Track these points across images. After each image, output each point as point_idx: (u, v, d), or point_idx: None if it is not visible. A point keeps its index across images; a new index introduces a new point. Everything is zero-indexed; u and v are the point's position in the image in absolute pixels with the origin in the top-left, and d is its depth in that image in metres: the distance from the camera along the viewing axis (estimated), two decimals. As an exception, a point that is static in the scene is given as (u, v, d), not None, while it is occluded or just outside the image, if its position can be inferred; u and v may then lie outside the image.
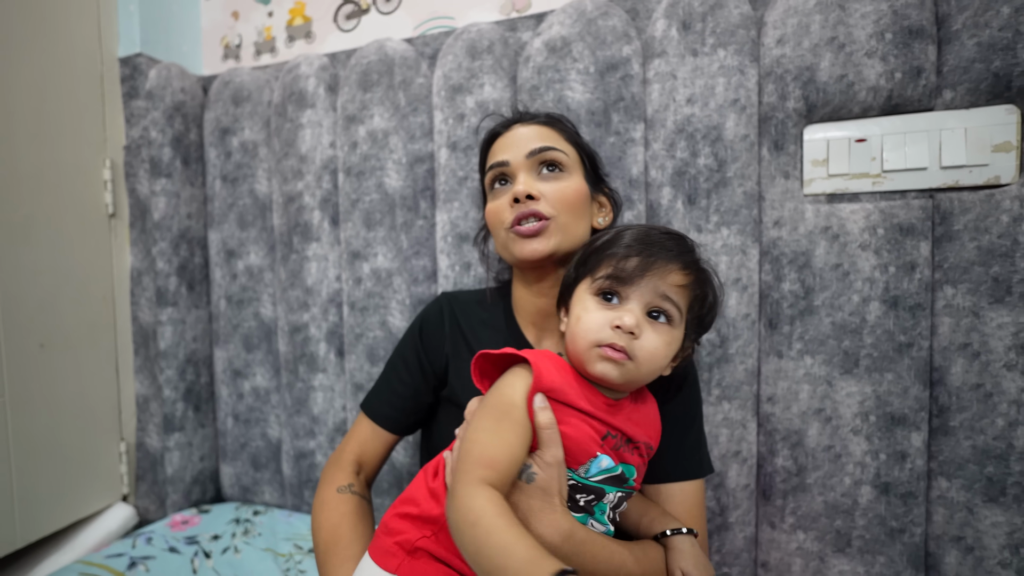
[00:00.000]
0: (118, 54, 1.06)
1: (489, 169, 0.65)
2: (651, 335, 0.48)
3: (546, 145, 0.62)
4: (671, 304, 0.48)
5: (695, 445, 0.62)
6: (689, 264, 0.50)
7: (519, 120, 0.66)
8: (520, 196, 0.59)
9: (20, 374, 0.91)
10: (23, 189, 0.92)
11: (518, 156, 0.62)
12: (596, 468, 0.49)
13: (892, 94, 0.69)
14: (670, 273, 0.48)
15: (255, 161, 1.05)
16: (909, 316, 0.69)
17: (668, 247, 0.49)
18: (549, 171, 0.62)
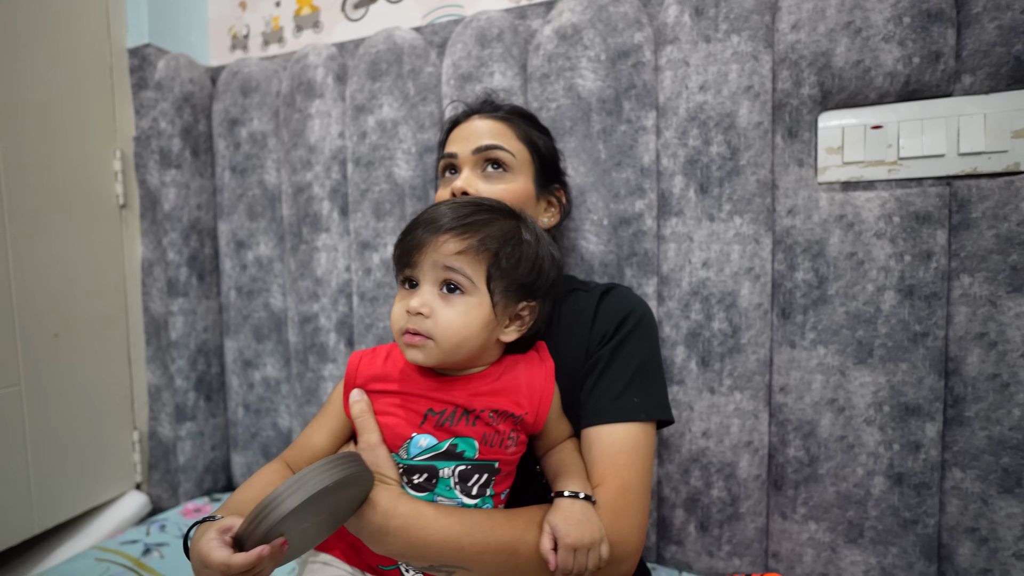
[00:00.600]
0: (127, 45, 1.06)
1: (440, 159, 0.68)
2: (444, 310, 0.49)
3: (493, 143, 0.63)
4: (456, 273, 0.48)
5: (622, 390, 0.56)
6: (462, 228, 0.49)
7: (478, 111, 0.67)
8: (456, 192, 0.62)
9: (35, 363, 0.92)
10: (35, 180, 0.92)
11: (466, 150, 0.64)
12: (416, 448, 0.51)
13: (910, 79, 0.67)
14: (443, 244, 0.48)
15: (264, 152, 1.05)
16: (925, 305, 0.68)
17: (439, 218, 0.49)
18: (494, 169, 0.64)
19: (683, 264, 0.78)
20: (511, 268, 0.50)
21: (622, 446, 0.54)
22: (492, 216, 0.51)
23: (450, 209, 0.51)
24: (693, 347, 0.78)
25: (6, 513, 0.89)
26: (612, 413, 0.55)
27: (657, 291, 0.81)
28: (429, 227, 0.49)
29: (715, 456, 0.79)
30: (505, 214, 0.53)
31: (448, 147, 0.67)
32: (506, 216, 0.53)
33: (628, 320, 0.59)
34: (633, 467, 0.54)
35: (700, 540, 0.81)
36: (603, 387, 0.57)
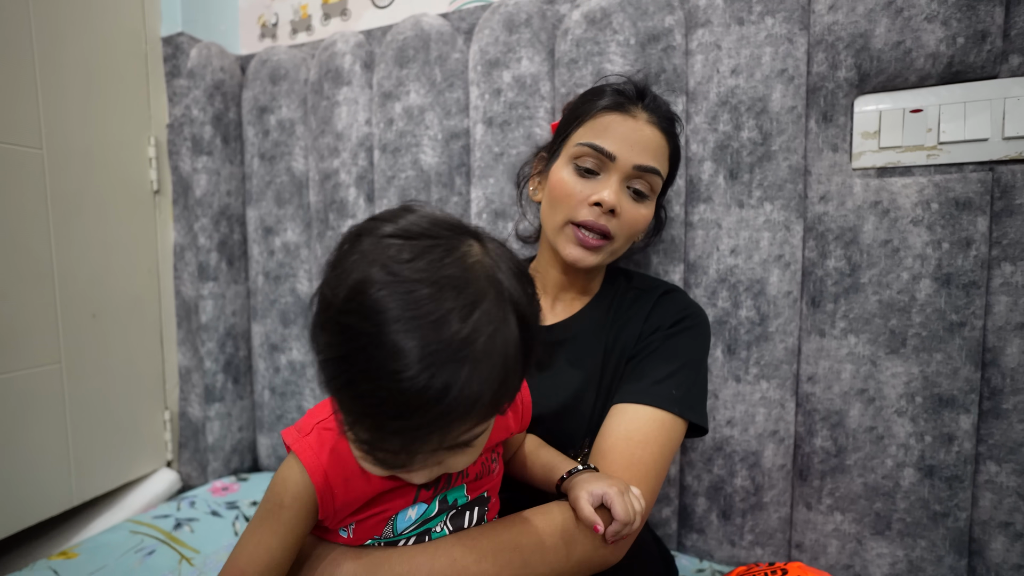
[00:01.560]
0: (161, 34, 1.08)
1: (588, 146, 0.57)
2: (460, 461, 0.39)
3: (654, 166, 0.58)
4: (474, 435, 0.36)
5: (663, 378, 0.56)
6: (490, 405, 0.34)
7: (646, 106, 0.59)
8: (606, 207, 0.56)
9: (74, 342, 0.95)
10: (75, 165, 0.95)
11: (627, 160, 0.56)
12: (404, 522, 0.43)
13: (953, 61, 0.65)
14: (452, 434, 0.33)
15: (292, 139, 1.07)
16: (962, 294, 0.66)
17: (439, 415, 0.31)
18: (637, 192, 0.58)
19: (711, 251, 0.78)
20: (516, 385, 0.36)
21: (642, 426, 0.53)
22: (507, 330, 0.33)
23: (448, 397, 0.30)
24: (719, 335, 0.78)
25: (47, 485, 0.93)
26: (646, 395, 0.54)
27: (684, 278, 0.80)
28: (430, 432, 0.32)
29: (739, 445, 0.78)
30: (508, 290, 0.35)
31: (602, 139, 0.57)
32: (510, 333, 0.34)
33: (686, 320, 0.61)
34: (647, 448, 0.52)
35: (722, 529, 0.81)
36: (644, 370, 0.57)
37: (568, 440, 0.59)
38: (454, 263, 0.32)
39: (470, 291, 0.32)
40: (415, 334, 0.29)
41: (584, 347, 0.62)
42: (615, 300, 0.65)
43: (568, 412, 0.60)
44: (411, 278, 0.31)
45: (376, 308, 0.30)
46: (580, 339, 0.63)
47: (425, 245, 0.33)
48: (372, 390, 0.30)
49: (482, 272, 0.33)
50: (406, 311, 0.30)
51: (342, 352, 0.31)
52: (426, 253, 0.32)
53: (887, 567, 0.72)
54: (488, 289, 0.33)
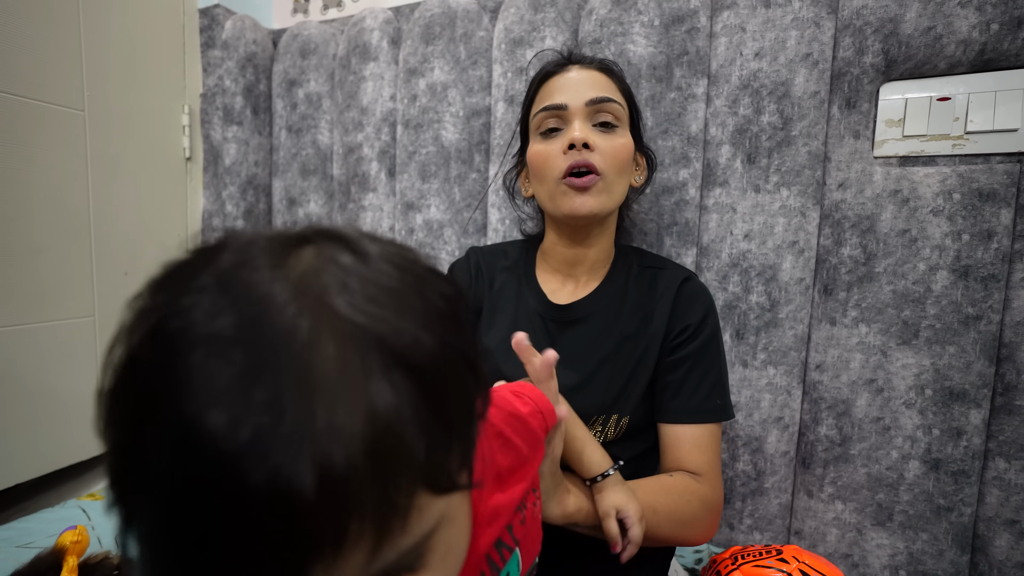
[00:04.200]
0: (198, 5, 1.12)
1: (542, 110, 0.62)
2: None
3: (607, 96, 0.60)
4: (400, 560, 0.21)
5: (708, 391, 0.61)
6: (378, 498, 0.20)
7: (575, 61, 0.63)
8: (578, 143, 0.58)
9: (108, 298, 1.00)
10: (114, 130, 0.99)
11: (577, 101, 0.60)
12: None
13: (985, 48, 0.64)
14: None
15: (319, 112, 1.10)
16: (980, 287, 0.65)
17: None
18: (604, 124, 0.60)
19: (724, 235, 0.78)
20: (454, 434, 0.22)
21: (709, 442, 0.61)
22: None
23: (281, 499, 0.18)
24: (728, 319, 0.78)
25: (79, 430, 0.98)
26: (702, 414, 0.60)
27: (696, 262, 0.80)
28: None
29: (743, 430, 0.78)
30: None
31: (551, 97, 0.61)
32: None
33: (709, 318, 0.62)
34: (718, 459, 0.62)
35: (722, 513, 0.81)
36: (690, 387, 0.61)
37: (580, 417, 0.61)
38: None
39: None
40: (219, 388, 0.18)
41: (600, 327, 0.63)
42: (629, 280, 0.65)
43: (582, 391, 0.61)
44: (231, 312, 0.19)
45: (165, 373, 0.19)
46: (595, 319, 0.64)
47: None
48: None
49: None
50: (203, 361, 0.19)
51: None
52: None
53: (886, 558, 0.72)
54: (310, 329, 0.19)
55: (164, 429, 0.18)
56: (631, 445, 0.62)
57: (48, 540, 0.71)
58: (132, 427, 0.20)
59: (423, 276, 0.23)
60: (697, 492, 0.57)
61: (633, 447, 0.62)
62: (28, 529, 0.78)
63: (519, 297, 0.67)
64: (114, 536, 0.20)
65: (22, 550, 0.71)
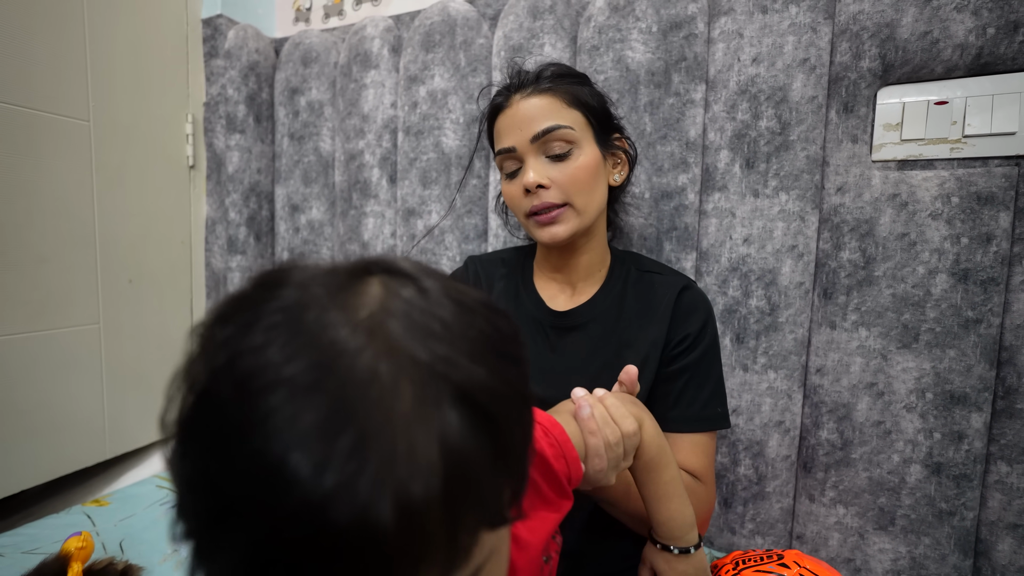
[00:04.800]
0: (201, 15, 1.13)
1: (497, 154, 0.63)
2: None
3: (550, 126, 0.58)
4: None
5: (708, 399, 0.62)
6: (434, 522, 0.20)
7: (517, 88, 0.61)
8: (531, 187, 0.59)
9: (112, 305, 1.01)
10: (119, 139, 1.01)
11: (523, 141, 0.59)
12: None
13: (982, 52, 0.64)
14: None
15: (320, 120, 1.11)
16: (980, 291, 0.65)
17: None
18: (557, 153, 0.59)
19: (723, 240, 0.78)
20: (508, 471, 0.24)
21: (704, 450, 0.62)
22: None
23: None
24: (728, 324, 0.78)
25: (84, 437, 0.99)
26: (700, 422, 0.62)
27: (696, 266, 0.80)
28: None
29: (744, 434, 0.78)
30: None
31: (501, 141, 0.62)
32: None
33: (708, 327, 0.63)
34: (712, 466, 0.63)
35: (723, 516, 0.81)
36: (690, 397, 0.62)
37: None
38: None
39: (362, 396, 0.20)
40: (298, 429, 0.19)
41: (599, 334, 0.64)
42: (628, 287, 0.66)
43: None
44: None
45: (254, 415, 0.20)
46: (594, 326, 0.64)
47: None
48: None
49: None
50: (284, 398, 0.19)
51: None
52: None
53: (889, 563, 0.72)
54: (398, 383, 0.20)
55: (249, 467, 0.19)
56: None
57: (53, 546, 0.72)
58: (211, 462, 0.20)
59: (483, 312, 0.23)
60: (698, 491, 0.59)
61: None
62: (34, 535, 0.78)
63: (518, 304, 0.67)
64: (187, 569, 0.20)
65: (28, 556, 0.72)
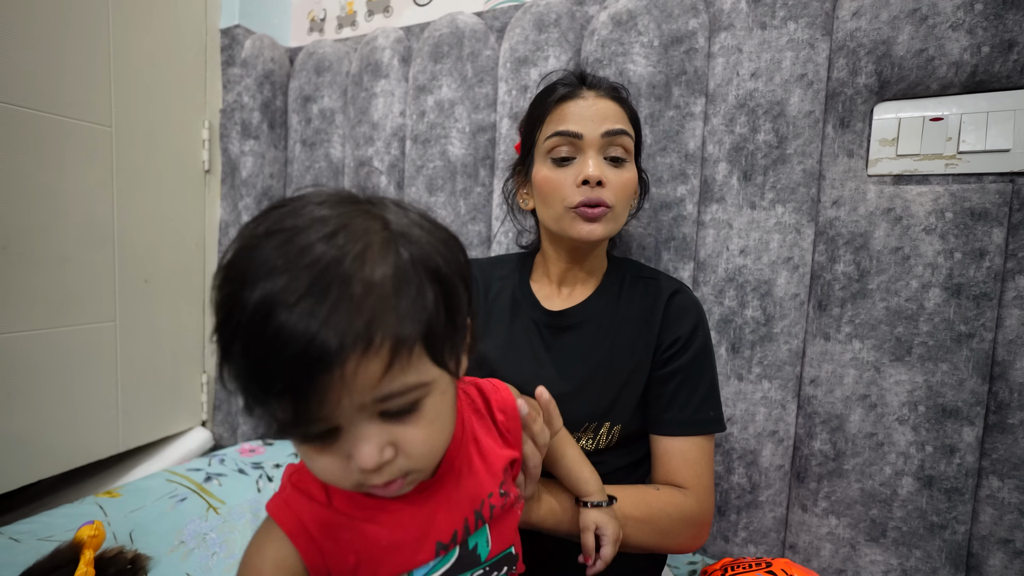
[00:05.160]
0: (219, 25, 1.17)
1: (556, 135, 0.61)
2: (411, 441, 0.32)
3: (621, 128, 0.60)
4: (408, 393, 0.30)
5: (700, 403, 0.62)
6: (390, 325, 0.28)
7: (589, 85, 0.63)
8: (592, 181, 0.59)
9: (128, 304, 1.05)
10: (139, 144, 1.05)
11: (593, 132, 0.60)
12: None
13: (977, 70, 0.65)
14: (360, 374, 0.28)
15: (332, 127, 1.14)
16: (973, 305, 0.66)
17: (319, 343, 0.27)
18: (615, 157, 0.61)
19: (720, 250, 0.79)
20: (450, 325, 0.32)
21: (700, 454, 0.62)
22: (394, 262, 0.30)
23: (318, 320, 0.27)
24: (724, 333, 0.79)
25: (98, 430, 1.03)
26: (693, 426, 0.62)
27: (693, 276, 0.82)
28: (318, 368, 0.27)
29: (738, 443, 0.79)
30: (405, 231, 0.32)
31: (565, 124, 0.60)
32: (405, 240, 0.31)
33: (699, 331, 0.64)
34: (710, 471, 0.63)
35: (716, 524, 0.82)
36: (682, 400, 0.62)
37: (572, 423, 0.63)
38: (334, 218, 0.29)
39: (335, 221, 0.29)
40: (281, 264, 0.27)
41: (593, 335, 0.65)
42: (622, 290, 0.67)
43: (575, 396, 0.63)
44: (288, 222, 0.29)
45: (241, 260, 0.29)
46: (588, 327, 0.66)
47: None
48: (232, 348, 0.28)
49: (364, 216, 0.30)
50: (268, 251, 0.28)
51: (220, 316, 0.29)
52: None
53: (880, 574, 0.72)
54: (367, 223, 0.30)
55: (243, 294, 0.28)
56: (624, 453, 0.64)
57: (67, 534, 0.75)
58: (226, 293, 0.29)
59: (445, 228, 0.34)
60: (681, 506, 0.58)
61: (626, 455, 0.64)
62: (49, 523, 0.81)
63: (514, 305, 0.69)
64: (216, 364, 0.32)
65: (43, 543, 0.75)
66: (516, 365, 0.65)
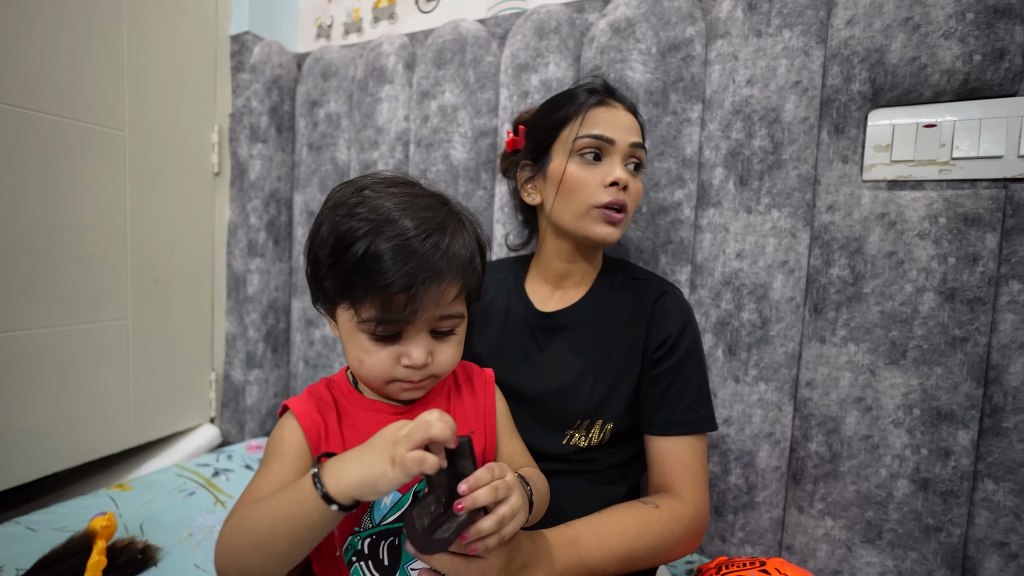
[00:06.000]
0: (230, 32, 1.21)
1: (590, 136, 0.63)
2: (443, 353, 0.46)
3: (642, 142, 0.66)
4: (453, 319, 0.46)
5: (692, 402, 0.63)
6: (464, 271, 0.45)
7: (617, 99, 0.67)
8: (622, 183, 0.62)
9: (140, 303, 1.08)
10: (151, 148, 1.08)
11: (623, 140, 0.63)
12: (380, 510, 0.46)
13: (969, 78, 0.66)
14: (444, 293, 0.44)
15: (337, 131, 1.16)
16: (967, 310, 0.66)
17: (435, 264, 0.42)
18: (635, 167, 0.66)
19: (717, 254, 0.80)
20: (478, 282, 0.49)
21: (693, 455, 0.63)
22: (467, 236, 0.48)
23: (432, 247, 0.43)
24: (721, 335, 0.80)
25: (111, 426, 1.05)
26: (685, 426, 0.63)
27: (690, 279, 0.83)
28: (428, 278, 0.42)
29: (735, 444, 0.80)
30: (468, 219, 0.50)
31: (600, 128, 0.63)
32: (469, 224, 0.49)
33: (688, 331, 0.65)
34: (704, 471, 0.64)
35: (713, 525, 0.83)
36: (673, 400, 0.63)
37: (565, 420, 0.65)
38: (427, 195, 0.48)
39: (442, 200, 0.48)
40: (408, 213, 0.43)
41: (584, 335, 0.67)
42: (613, 291, 0.69)
43: (566, 394, 0.65)
44: (402, 192, 0.46)
45: (376, 202, 0.44)
46: (580, 327, 0.67)
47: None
48: (378, 253, 0.41)
49: (436, 196, 0.49)
50: (396, 202, 0.44)
51: (361, 232, 0.42)
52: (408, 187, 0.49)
53: (875, 576, 0.73)
54: (452, 210, 0.48)
55: (384, 222, 0.43)
56: (616, 451, 0.65)
57: (81, 524, 0.77)
58: (363, 224, 0.43)
59: (472, 216, 0.51)
60: (682, 517, 0.59)
61: (618, 453, 0.65)
62: (64, 514, 0.84)
63: (508, 306, 0.71)
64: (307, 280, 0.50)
65: (58, 532, 0.77)
66: (510, 365, 0.67)
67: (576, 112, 0.65)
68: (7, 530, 0.79)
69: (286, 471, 0.45)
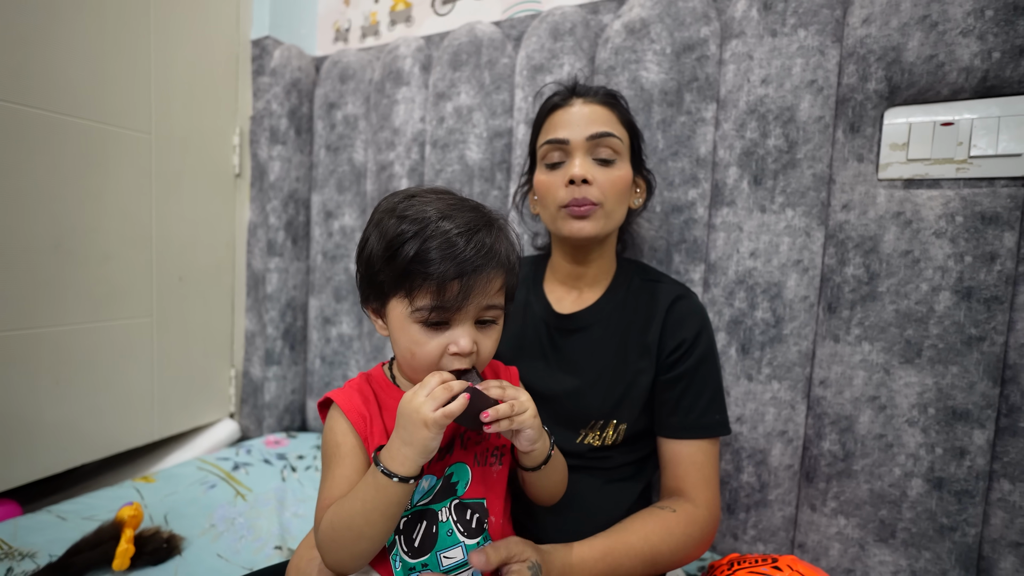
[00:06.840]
0: (251, 37, 1.23)
1: (546, 143, 0.66)
2: (486, 342, 0.49)
3: (606, 131, 0.63)
4: (496, 309, 0.49)
5: (706, 407, 0.64)
6: (506, 267, 0.49)
7: (579, 94, 0.66)
8: (577, 179, 0.62)
9: (164, 300, 1.11)
10: (175, 150, 1.11)
11: (578, 136, 0.64)
12: (416, 494, 0.50)
13: (988, 75, 0.65)
14: (491, 283, 0.47)
15: (355, 133, 1.19)
16: (983, 309, 0.66)
17: (483, 256, 0.46)
18: (604, 158, 0.64)
19: (731, 253, 0.81)
20: (515, 280, 0.52)
21: (706, 459, 0.64)
22: (506, 236, 0.50)
23: (475, 248, 0.46)
24: (734, 334, 0.81)
25: (135, 420, 1.09)
26: (699, 430, 0.64)
27: (704, 278, 0.83)
28: (476, 270, 0.46)
29: (748, 442, 0.81)
30: (505, 222, 0.52)
31: (554, 132, 0.65)
32: (507, 226, 0.52)
33: (703, 335, 0.65)
34: (716, 475, 0.65)
35: (726, 522, 0.83)
36: (687, 404, 0.64)
37: (579, 420, 0.66)
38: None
39: (481, 206, 0.51)
40: (457, 212, 0.47)
41: (600, 337, 0.68)
42: (629, 294, 0.69)
43: (582, 395, 0.66)
44: (448, 197, 0.50)
45: (426, 204, 0.48)
46: (596, 329, 0.68)
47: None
48: (435, 247, 0.45)
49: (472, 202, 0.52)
50: (444, 204, 0.48)
51: (411, 232, 0.46)
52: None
53: (889, 575, 0.72)
54: (492, 215, 0.51)
55: (433, 221, 0.46)
56: (630, 451, 0.66)
57: (109, 514, 0.80)
58: (415, 223, 0.47)
59: (508, 220, 0.54)
60: (698, 521, 0.61)
61: (632, 452, 0.66)
62: (92, 504, 0.87)
63: (527, 306, 0.72)
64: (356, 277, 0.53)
65: (86, 521, 0.80)
66: (526, 363, 0.68)
67: (540, 123, 0.69)
68: (39, 518, 0.82)
69: (349, 472, 0.49)
